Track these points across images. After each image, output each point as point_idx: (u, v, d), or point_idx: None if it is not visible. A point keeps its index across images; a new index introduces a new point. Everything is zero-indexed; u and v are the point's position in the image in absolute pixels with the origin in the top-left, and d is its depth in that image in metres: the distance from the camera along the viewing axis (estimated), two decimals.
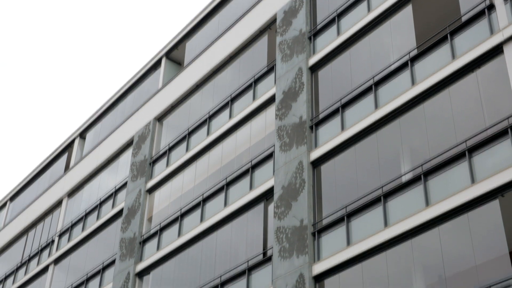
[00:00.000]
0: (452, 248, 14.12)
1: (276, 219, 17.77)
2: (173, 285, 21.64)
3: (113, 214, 25.75)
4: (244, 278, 18.11)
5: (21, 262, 31.88)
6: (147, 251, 22.86)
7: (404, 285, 14.90)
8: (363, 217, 15.82)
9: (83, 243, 27.30)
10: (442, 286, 13.97)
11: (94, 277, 25.20)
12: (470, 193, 13.63)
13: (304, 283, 15.97)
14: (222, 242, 20.17)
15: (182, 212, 22.01)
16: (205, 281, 19.58)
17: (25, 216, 33.38)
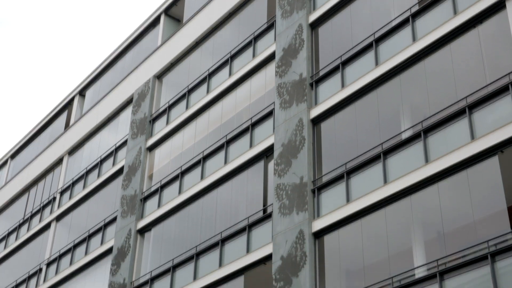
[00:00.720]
0: (451, 205, 14.22)
1: (276, 176, 17.85)
2: (174, 241, 21.85)
3: (114, 171, 25.86)
4: (245, 234, 18.28)
5: (23, 219, 32.17)
6: (148, 208, 23.03)
7: (403, 241, 15.05)
8: (363, 174, 15.89)
9: (84, 201, 27.49)
10: (441, 242, 14.11)
11: (96, 234, 25.44)
12: (470, 150, 13.66)
13: (303, 240, 16.12)
14: (222, 199, 20.30)
15: (182, 170, 22.09)
16: (205, 238, 19.77)
17: (26, 174, 33.55)
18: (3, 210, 34.97)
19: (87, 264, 25.20)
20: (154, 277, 21.06)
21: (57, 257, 27.33)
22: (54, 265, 27.41)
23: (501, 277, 12.21)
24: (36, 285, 28.22)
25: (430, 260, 13.82)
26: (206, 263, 19.26)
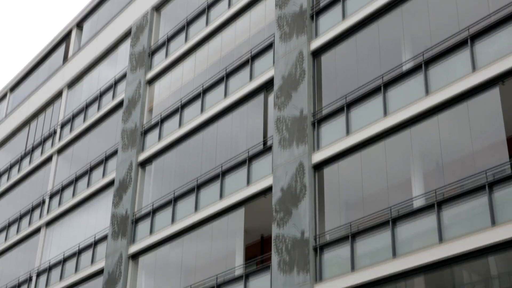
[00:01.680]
0: (450, 136, 14.28)
1: (276, 110, 17.86)
2: (175, 174, 22.05)
3: (114, 105, 25.85)
4: (245, 167, 18.43)
5: (25, 152, 32.39)
6: (149, 141, 23.13)
7: (402, 173, 15.20)
8: (363, 107, 15.88)
9: (85, 134, 27.60)
10: (439, 172, 14.24)
11: (97, 166, 25.65)
12: (471, 81, 13.62)
13: (303, 172, 16.27)
14: (222, 132, 20.37)
15: (182, 103, 22.08)
16: (206, 170, 19.94)
17: (26, 107, 33.57)
18: (4, 143, 35.17)
19: (89, 196, 25.51)
20: (155, 209, 21.36)
21: (60, 189, 27.64)
22: (57, 197, 27.75)
23: (498, 207, 12.39)
24: (40, 216, 28.65)
25: (428, 190, 13.98)
26: (206, 195, 19.49)
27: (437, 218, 13.25)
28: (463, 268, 13.47)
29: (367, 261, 14.34)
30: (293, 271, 15.40)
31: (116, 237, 22.37)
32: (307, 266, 15.15)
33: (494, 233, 12.22)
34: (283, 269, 15.67)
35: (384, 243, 14.17)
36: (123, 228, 22.21)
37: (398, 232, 14.03)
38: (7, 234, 31.19)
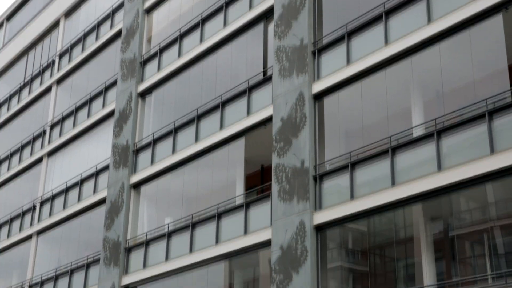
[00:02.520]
0: (451, 65, 14.20)
1: (276, 39, 17.69)
2: (175, 104, 22.05)
3: (112, 35, 25.58)
4: (245, 97, 18.41)
5: (24, 82, 32.27)
6: (148, 71, 23.01)
7: (402, 102, 15.19)
8: (364, 36, 15.72)
9: (83, 64, 27.43)
10: (440, 102, 14.24)
11: (97, 97, 25.61)
12: (474, 8, 13.41)
13: (303, 102, 16.26)
14: (222, 62, 20.25)
15: (181, 33, 21.84)
16: (206, 101, 19.92)
17: (24, 37, 33.22)
18: (2, 73, 34.99)
19: (90, 127, 25.58)
20: (156, 140, 21.46)
21: (60, 120, 27.71)
22: (58, 128, 27.85)
23: (497, 135, 12.43)
24: (41, 146, 28.83)
25: (428, 119, 14.01)
26: (207, 126, 19.55)
27: (436, 147, 13.33)
28: (460, 195, 13.66)
29: (366, 190, 14.52)
30: (293, 200, 15.61)
31: (118, 167, 22.57)
32: (306, 195, 15.35)
33: (492, 161, 12.32)
34: (283, 198, 15.88)
35: (383, 172, 14.31)
36: (124, 158, 22.38)
37: (397, 161, 14.15)
38: (9, 164, 31.46)
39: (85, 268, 23.12)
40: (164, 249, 19.54)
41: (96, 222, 23.34)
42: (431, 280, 13.73)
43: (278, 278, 15.27)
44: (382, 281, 15.93)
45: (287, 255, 15.28)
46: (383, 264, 16.14)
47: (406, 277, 15.13)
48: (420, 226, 14.46)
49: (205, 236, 18.25)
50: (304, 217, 15.18)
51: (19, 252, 28.62)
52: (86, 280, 22.87)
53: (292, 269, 15.02)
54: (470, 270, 14.17)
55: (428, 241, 14.26)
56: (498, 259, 13.41)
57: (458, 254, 14.27)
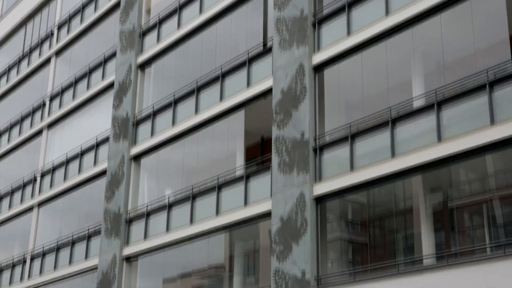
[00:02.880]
0: (452, 35, 14.10)
1: (276, 10, 17.56)
2: (174, 76, 21.99)
3: (111, 5, 25.39)
4: (245, 69, 18.34)
5: (22, 54, 32.12)
6: (147, 43, 22.89)
7: (402, 73, 15.14)
8: (364, 6, 15.60)
9: (82, 36, 27.27)
10: (440, 73, 14.19)
11: (97, 68, 25.52)
12: None
13: (304, 73, 16.20)
14: (222, 34, 20.13)
15: (180, 3, 21.67)
16: (206, 72, 19.85)
17: (22, 7, 32.98)
18: (0, 44, 34.81)
19: (89, 98, 25.54)
20: (156, 111, 21.44)
21: (60, 92, 27.65)
22: (57, 100, 27.80)
23: (498, 106, 12.41)
24: (41, 118, 28.82)
25: (428, 90, 13.97)
26: (207, 97, 19.52)
27: (437, 118, 13.31)
28: (460, 166, 13.69)
29: (366, 161, 14.55)
30: (293, 171, 15.65)
31: (118, 139, 22.58)
32: (306, 166, 15.38)
33: (492, 132, 12.30)
34: (283, 170, 15.91)
35: (383, 143, 14.31)
36: (124, 130, 22.38)
37: (397, 132, 14.15)
38: (9, 136, 31.49)
39: (86, 239, 23.28)
40: (165, 221, 19.65)
41: (97, 194, 23.44)
42: (430, 251, 13.83)
43: (278, 249, 15.38)
44: (381, 253, 16.05)
45: (287, 226, 15.37)
46: (382, 236, 16.25)
47: (405, 248, 15.24)
48: (420, 197, 14.52)
49: (206, 207, 18.34)
50: (304, 188, 15.24)
51: (20, 223, 28.79)
52: (88, 251, 23.04)
53: (292, 240, 15.12)
54: (469, 241, 14.27)
55: (427, 212, 14.34)
56: (496, 229, 13.51)
57: (457, 225, 14.36)
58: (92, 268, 22.30)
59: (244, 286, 18.08)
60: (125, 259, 20.77)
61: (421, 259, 13.70)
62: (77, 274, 23.33)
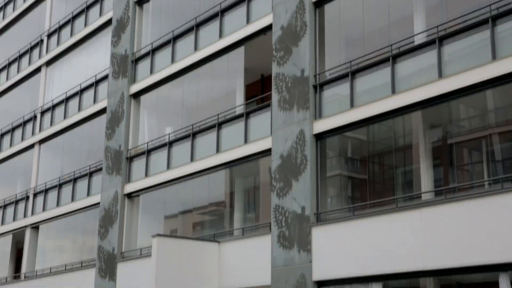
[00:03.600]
0: None
1: None
2: (173, 13, 21.71)
3: None
4: (244, 4, 18.08)
5: None
6: None
7: (404, 9, 14.91)
8: None
9: None
10: (442, 8, 14.01)
11: (94, 5, 25.19)
12: None
13: (304, 9, 15.96)
14: None
15: None
16: (205, 9, 19.58)
17: None
18: None
19: (87, 35, 25.30)
20: (155, 49, 21.26)
21: (57, 29, 27.36)
22: (55, 37, 27.54)
23: (500, 41, 12.27)
24: (39, 56, 28.62)
25: (430, 26, 13.82)
26: (206, 34, 19.31)
27: (438, 54, 13.19)
28: (460, 103, 13.68)
29: (366, 98, 14.51)
30: (293, 109, 15.64)
31: (117, 77, 22.47)
32: (306, 103, 15.36)
33: (494, 67, 12.19)
34: (283, 107, 15.90)
35: (384, 80, 14.24)
36: (123, 68, 22.25)
37: (398, 69, 14.06)
38: (8, 73, 31.34)
39: (88, 176, 23.48)
40: (165, 158, 19.77)
41: (97, 132, 23.51)
42: (428, 187, 13.98)
43: (278, 186, 15.54)
44: (380, 189, 16.23)
45: (287, 163, 15.47)
46: (381, 172, 16.39)
47: (404, 184, 15.40)
48: (419, 133, 14.57)
49: (206, 145, 18.41)
50: (304, 126, 15.26)
51: (22, 161, 28.99)
52: (90, 189, 23.28)
53: (292, 177, 15.24)
54: (468, 177, 14.41)
55: (426, 148, 14.42)
56: (495, 165, 13.62)
57: (456, 161, 14.46)
58: (94, 204, 22.59)
59: (244, 222, 18.35)
60: (127, 196, 21.01)
61: (419, 194, 13.86)
62: (80, 210, 23.64)
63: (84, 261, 22.89)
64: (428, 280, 14.12)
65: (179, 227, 20.81)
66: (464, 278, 13.74)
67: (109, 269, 20.46)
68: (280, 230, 15.17)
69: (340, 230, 14.06)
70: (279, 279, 14.86)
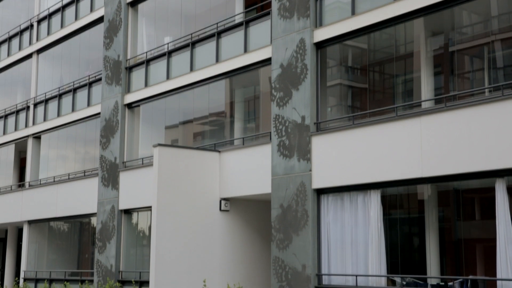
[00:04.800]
0: None
1: None
2: None
3: None
4: None
5: None
6: None
7: None
8: None
9: None
10: None
11: None
12: None
13: None
14: None
15: None
16: None
17: None
18: None
19: None
20: None
21: None
22: None
23: None
24: None
25: None
26: None
27: None
28: (463, 9, 13.45)
29: (368, 5, 14.22)
30: (293, 16, 15.38)
31: None
32: (307, 11, 15.09)
33: None
34: (283, 15, 15.63)
35: None
36: None
37: None
38: None
39: (88, 86, 23.43)
40: (165, 68, 19.65)
41: (96, 41, 23.26)
42: (429, 95, 13.97)
43: (278, 96, 15.51)
44: (380, 97, 16.23)
45: (287, 72, 15.38)
46: (382, 81, 16.33)
47: (404, 92, 15.39)
48: (421, 41, 14.42)
49: (205, 54, 18.25)
50: (304, 34, 15.06)
51: (21, 71, 28.85)
52: (90, 99, 23.28)
53: (292, 86, 15.19)
54: (468, 84, 14.38)
55: (427, 56, 14.30)
56: (496, 72, 13.55)
57: (457, 68, 14.38)
58: (95, 114, 22.66)
59: (244, 132, 18.46)
60: (127, 106, 21.03)
61: (419, 103, 13.87)
62: (81, 120, 23.74)
63: (87, 170, 23.21)
64: (426, 187, 14.37)
65: (180, 137, 20.96)
66: (461, 185, 13.98)
67: (112, 178, 20.78)
68: (280, 139, 15.28)
69: (339, 139, 14.16)
70: (279, 187, 15.11)
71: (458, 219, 14.76)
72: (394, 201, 15.30)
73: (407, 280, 13.02)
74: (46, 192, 24.66)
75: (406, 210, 15.78)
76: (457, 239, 14.76)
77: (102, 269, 20.41)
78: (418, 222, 15.32)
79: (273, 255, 15.00)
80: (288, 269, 14.54)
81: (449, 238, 15.00)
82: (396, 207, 15.43)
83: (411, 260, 15.48)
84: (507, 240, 11.34)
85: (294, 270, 14.41)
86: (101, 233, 20.79)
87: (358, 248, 13.75)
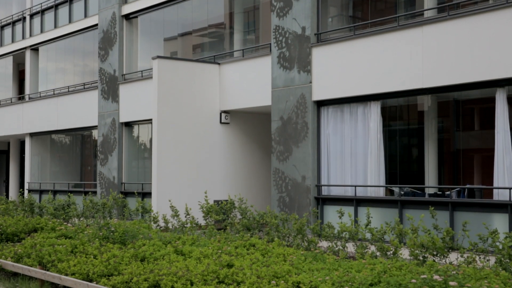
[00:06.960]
0: None
1: None
2: None
3: None
4: None
5: None
6: None
7: None
8: None
9: None
10: None
11: None
12: None
13: None
14: None
15: None
16: None
17: None
18: None
19: None
20: None
21: None
22: None
23: None
24: None
25: None
26: None
27: None
28: None
29: None
30: None
31: None
32: None
33: None
34: None
35: None
36: None
37: None
38: None
39: None
40: None
41: None
42: (431, 4, 13.68)
43: (278, 6, 15.22)
44: (382, 7, 15.92)
45: None
46: None
47: (406, 1, 15.09)
48: None
49: None
50: None
51: None
52: (86, 9, 22.86)
53: None
54: None
55: None
56: None
57: None
58: (93, 26, 22.33)
59: (244, 43, 18.22)
60: (125, 17, 20.68)
61: (422, 12, 13.62)
62: (78, 32, 23.42)
63: (86, 83, 23.10)
64: (426, 98, 14.34)
65: (179, 49, 20.72)
66: (461, 95, 13.94)
67: (112, 91, 20.71)
68: (280, 51, 15.11)
69: (340, 50, 14.00)
70: (279, 99, 15.08)
71: (457, 129, 14.81)
72: (394, 112, 15.31)
73: (405, 190, 13.20)
74: (46, 105, 24.66)
75: (405, 121, 15.83)
76: (456, 149, 14.86)
77: (104, 181, 20.69)
78: (418, 133, 15.39)
79: (273, 166, 15.16)
80: (288, 180, 14.73)
81: (447, 149, 15.11)
82: (396, 118, 15.46)
83: (410, 170, 15.67)
84: (505, 149, 11.41)
85: (294, 181, 14.59)
86: (102, 146, 20.93)
87: (358, 159, 13.87)
